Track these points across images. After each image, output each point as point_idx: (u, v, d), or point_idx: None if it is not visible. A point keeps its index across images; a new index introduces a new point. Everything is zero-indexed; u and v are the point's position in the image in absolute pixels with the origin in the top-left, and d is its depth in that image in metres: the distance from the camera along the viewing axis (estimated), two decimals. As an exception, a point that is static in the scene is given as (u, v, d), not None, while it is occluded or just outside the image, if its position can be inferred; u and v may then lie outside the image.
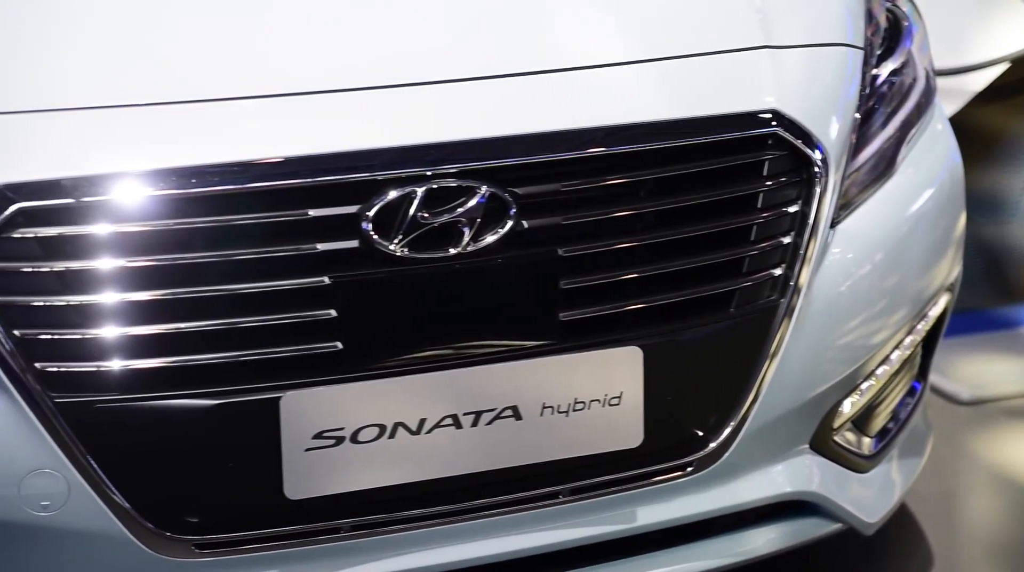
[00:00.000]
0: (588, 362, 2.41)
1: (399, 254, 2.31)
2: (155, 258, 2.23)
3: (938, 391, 3.78)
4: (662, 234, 2.45)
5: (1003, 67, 5.42)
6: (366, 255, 2.31)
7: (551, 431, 2.41)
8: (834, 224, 2.59)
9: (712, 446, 2.53)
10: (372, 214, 2.30)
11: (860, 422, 2.76)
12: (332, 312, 2.29)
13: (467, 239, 2.33)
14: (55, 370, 2.22)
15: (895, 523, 3.01)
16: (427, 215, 2.31)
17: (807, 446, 2.67)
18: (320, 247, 2.29)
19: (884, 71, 2.76)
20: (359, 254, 2.31)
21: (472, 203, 2.33)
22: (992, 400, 3.82)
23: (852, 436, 2.75)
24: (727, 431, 2.52)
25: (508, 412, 2.38)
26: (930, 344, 2.89)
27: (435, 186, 2.32)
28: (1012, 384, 3.89)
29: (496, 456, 2.40)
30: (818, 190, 2.52)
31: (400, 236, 2.31)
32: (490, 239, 2.35)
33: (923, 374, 2.93)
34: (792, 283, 2.52)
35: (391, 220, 2.30)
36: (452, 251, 2.33)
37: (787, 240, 2.52)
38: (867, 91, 2.69)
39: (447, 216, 2.32)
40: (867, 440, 2.79)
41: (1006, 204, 5.19)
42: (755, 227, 2.50)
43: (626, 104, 2.47)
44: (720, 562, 2.63)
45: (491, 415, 2.38)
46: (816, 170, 2.52)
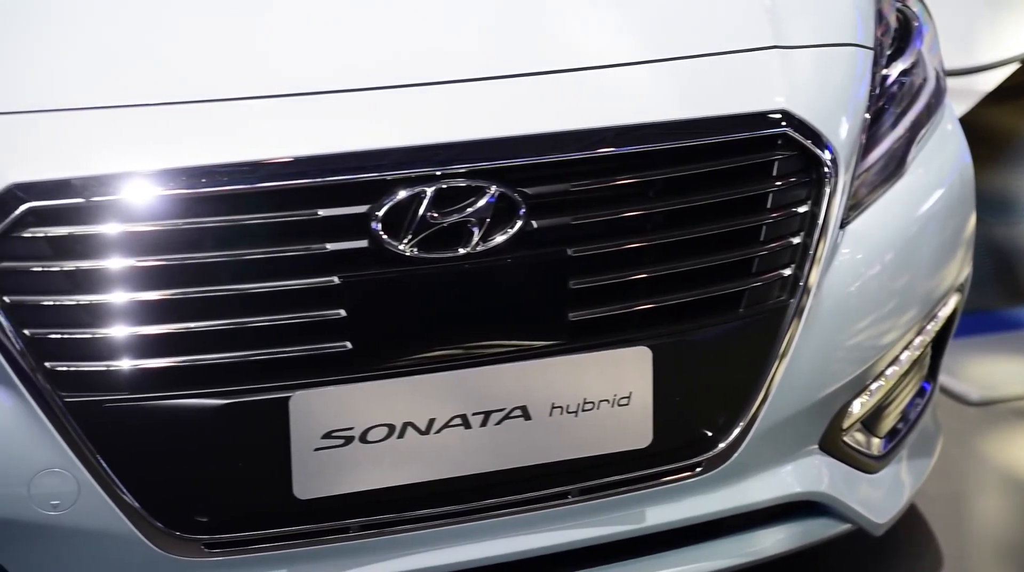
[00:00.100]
0: (597, 362, 2.41)
1: (408, 254, 2.31)
2: (165, 258, 2.23)
3: (948, 392, 3.77)
4: (672, 234, 2.45)
5: (1013, 67, 5.42)
6: (375, 255, 2.31)
7: (560, 431, 2.41)
8: (844, 224, 2.59)
9: (721, 446, 2.52)
10: (382, 214, 2.30)
11: (870, 423, 2.76)
12: (341, 312, 2.29)
13: (476, 239, 2.33)
14: (65, 369, 2.22)
15: (904, 524, 3.00)
16: (436, 215, 2.31)
17: (816, 446, 2.67)
18: (329, 247, 2.29)
19: (894, 71, 2.75)
20: (368, 254, 2.31)
21: (481, 203, 2.33)
22: (1002, 401, 3.81)
23: (862, 437, 2.75)
24: (736, 431, 2.52)
25: (517, 412, 2.38)
26: (940, 345, 2.89)
27: (445, 186, 2.32)
28: (1022, 385, 3.88)
29: (505, 456, 2.40)
30: (828, 190, 2.52)
31: (409, 236, 2.31)
32: (499, 239, 2.35)
33: (933, 375, 2.92)
34: (802, 283, 2.51)
35: (400, 220, 2.30)
36: (461, 251, 2.33)
37: (797, 240, 2.51)
38: (877, 91, 2.69)
39: (456, 216, 2.32)
40: (876, 441, 2.78)
41: (1016, 204, 5.19)
42: (765, 227, 2.50)
43: (636, 104, 2.47)
44: (729, 562, 2.63)
45: (500, 415, 2.38)
46: (826, 170, 2.52)
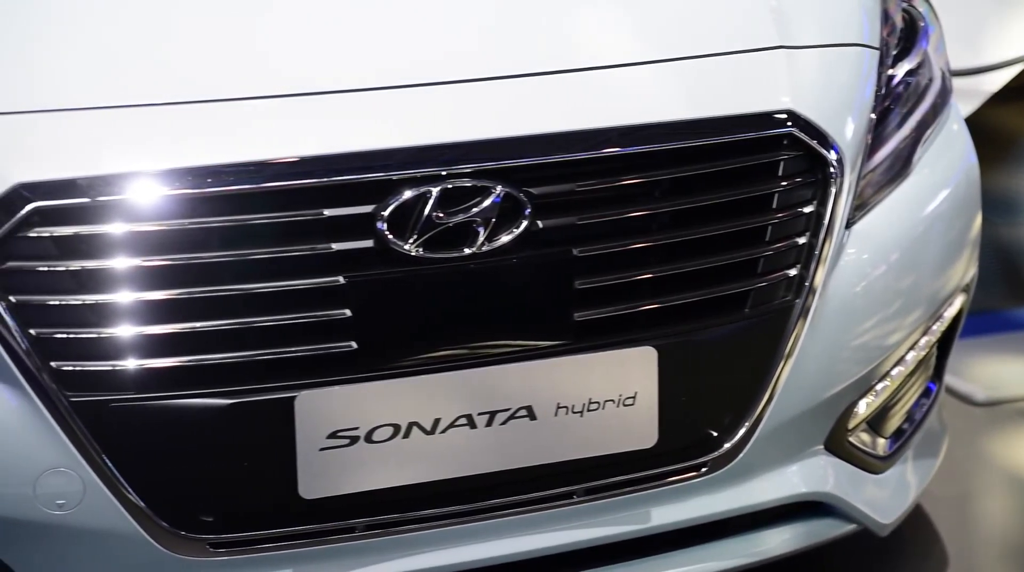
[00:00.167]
0: (603, 362, 2.41)
1: (414, 254, 2.31)
2: (170, 257, 2.23)
3: (953, 392, 3.77)
4: (677, 234, 2.45)
5: (1019, 68, 5.42)
6: (381, 255, 2.31)
7: (566, 431, 2.41)
8: (849, 224, 2.59)
9: (727, 446, 2.52)
10: (387, 214, 2.30)
11: (875, 423, 2.75)
12: (347, 312, 2.29)
13: (482, 239, 2.33)
14: (70, 369, 2.23)
15: (910, 524, 3.00)
16: (442, 215, 2.31)
17: (822, 447, 2.66)
18: (335, 247, 2.29)
19: (900, 71, 2.75)
20: (374, 254, 2.31)
21: (487, 203, 2.33)
22: (1007, 401, 3.81)
23: (867, 437, 2.75)
24: (742, 431, 2.52)
25: (523, 412, 2.38)
26: (945, 345, 2.89)
27: (450, 186, 2.32)
28: (1028, 385, 3.88)
29: (510, 456, 2.40)
30: (833, 190, 2.52)
31: (415, 236, 2.31)
32: (505, 239, 2.34)
33: (938, 375, 2.92)
34: (807, 283, 2.51)
35: (406, 220, 2.30)
36: (467, 251, 2.33)
37: (802, 240, 2.51)
38: (883, 91, 2.69)
39: (462, 216, 2.32)
40: (882, 441, 2.78)
41: (1022, 205, 5.18)
42: (770, 227, 2.50)
43: (641, 104, 2.47)
44: (735, 562, 2.63)
45: (506, 415, 2.38)
46: (831, 170, 2.52)
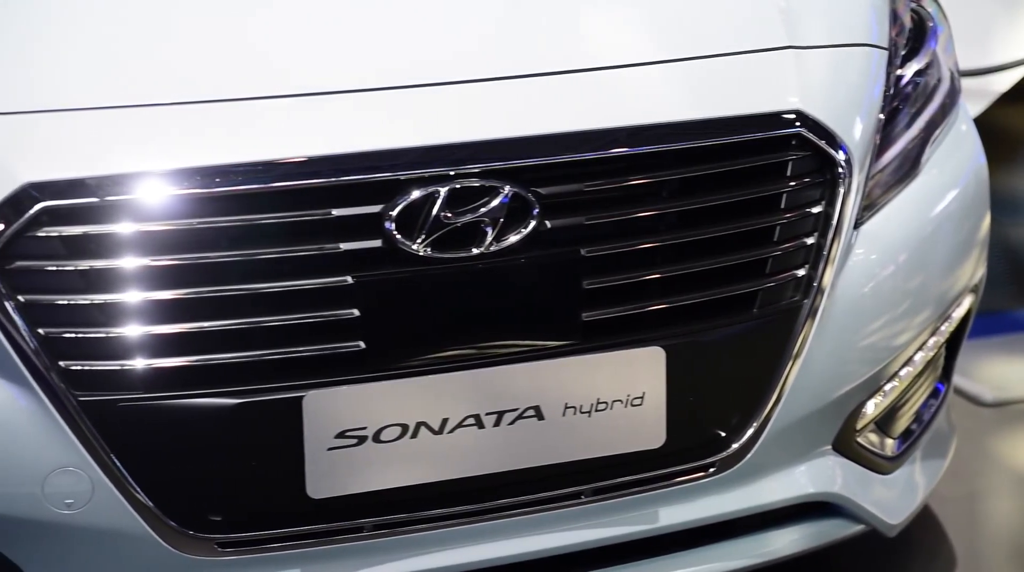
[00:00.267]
0: (610, 362, 2.41)
1: (422, 254, 2.31)
2: (179, 257, 2.23)
3: (962, 392, 3.76)
4: (685, 234, 2.45)
5: (1028, 68, 5.41)
6: (389, 255, 2.31)
7: (573, 431, 2.41)
8: (858, 225, 2.59)
9: (735, 447, 2.52)
10: (395, 214, 2.30)
11: (883, 423, 2.75)
12: (355, 311, 2.29)
13: (490, 239, 2.33)
14: (79, 369, 2.23)
15: (918, 524, 3.00)
16: (450, 215, 2.31)
17: (830, 447, 2.66)
18: (343, 247, 2.29)
19: (908, 72, 2.75)
20: (382, 254, 2.31)
21: (495, 203, 2.33)
22: (1016, 402, 3.80)
23: (875, 437, 2.74)
24: (750, 432, 2.52)
25: (530, 412, 2.38)
26: (954, 345, 2.88)
27: (458, 186, 2.32)
28: (1036, 386, 3.88)
29: (518, 456, 2.40)
30: (842, 191, 2.52)
31: (423, 236, 2.31)
32: (513, 239, 2.35)
33: (947, 375, 2.92)
34: (815, 284, 2.51)
35: (414, 220, 2.30)
36: (475, 251, 2.33)
37: (810, 241, 2.51)
38: (891, 92, 2.68)
39: (470, 216, 2.32)
40: (890, 441, 2.78)
41: (1031, 205, 5.18)
42: (778, 228, 2.49)
43: (649, 104, 2.47)
44: (743, 563, 2.63)
45: (513, 415, 2.38)
46: (840, 171, 2.51)
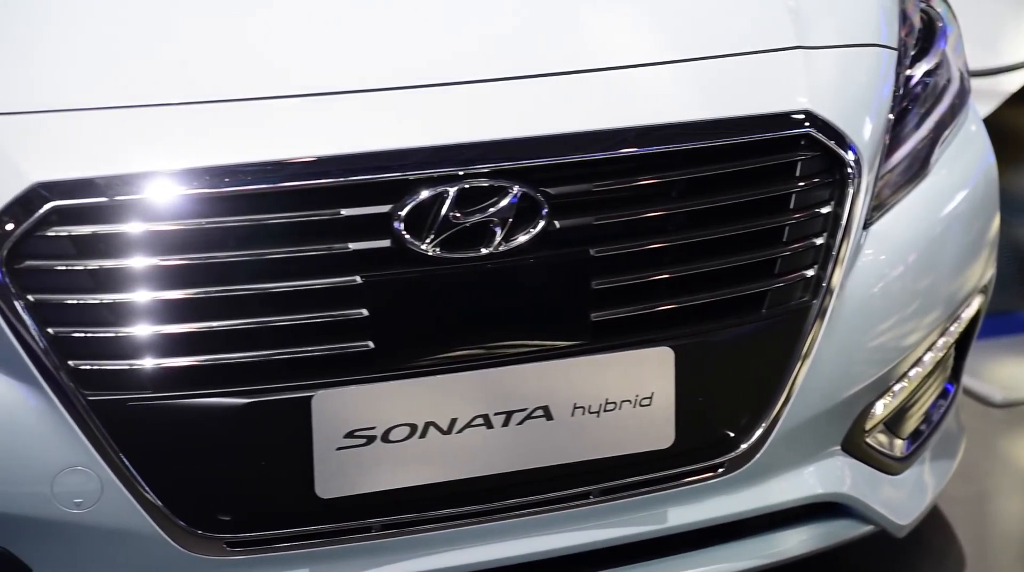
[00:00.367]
0: (619, 362, 2.41)
1: (431, 254, 2.31)
2: (188, 257, 2.24)
3: (971, 393, 3.76)
4: (694, 234, 2.45)
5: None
6: (398, 255, 2.31)
7: (582, 431, 2.41)
8: (867, 225, 2.59)
9: (743, 447, 2.52)
10: (404, 214, 2.30)
11: (892, 424, 2.75)
12: (364, 311, 2.29)
13: (499, 239, 2.33)
14: (88, 368, 2.23)
15: (927, 525, 3.00)
16: (459, 215, 2.31)
17: (839, 448, 2.66)
18: (352, 246, 2.29)
19: (918, 72, 2.75)
20: (391, 254, 2.31)
21: (504, 203, 2.33)
22: (1025, 402, 3.81)
23: (884, 438, 2.74)
24: (759, 432, 2.52)
25: (539, 412, 2.38)
26: (963, 346, 2.88)
27: (467, 186, 2.32)
28: (1046, 387, 3.87)
29: (527, 456, 2.40)
30: (851, 191, 2.52)
31: (432, 236, 2.31)
32: (522, 239, 2.35)
33: (956, 376, 2.92)
34: (824, 284, 2.51)
35: (423, 220, 2.31)
36: (484, 251, 2.33)
37: (820, 241, 2.51)
38: (901, 92, 2.68)
39: (479, 216, 2.32)
40: (899, 442, 2.78)
41: (1040, 205, 5.17)
42: (787, 228, 2.49)
43: (659, 104, 2.47)
44: (752, 563, 2.63)
45: (522, 415, 2.38)
46: (849, 171, 2.51)
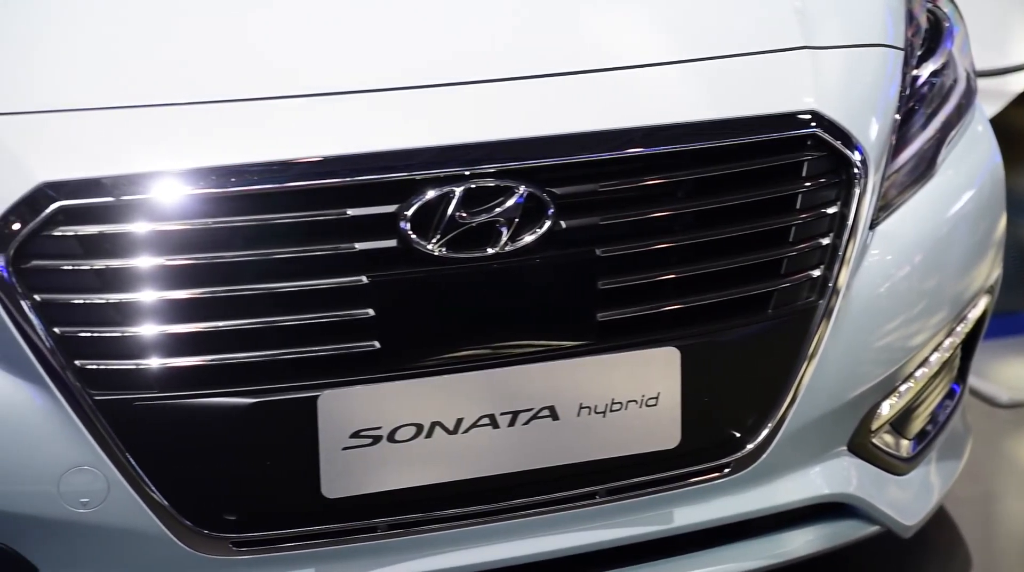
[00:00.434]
0: (625, 363, 2.41)
1: (437, 254, 2.31)
2: (194, 257, 2.24)
3: (977, 393, 3.76)
4: (700, 235, 2.45)
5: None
6: (404, 255, 2.31)
7: (588, 431, 2.41)
8: (873, 225, 2.58)
9: (750, 447, 2.52)
10: (410, 214, 2.30)
11: (899, 424, 2.75)
12: (370, 311, 2.30)
13: (505, 239, 2.33)
14: (95, 368, 2.23)
15: (933, 525, 2.99)
16: (465, 215, 2.31)
17: (845, 448, 2.66)
18: (358, 246, 2.29)
19: (924, 72, 2.74)
20: (397, 254, 2.31)
21: (510, 203, 2.33)
22: (1031, 403, 3.80)
23: (890, 438, 2.74)
24: (765, 432, 2.52)
25: (545, 412, 2.38)
26: (969, 346, 2.88)
27: (473, 186, 2.32)
28: (1052, 387, 3.87)
29: (533, 456, 2.40)
30: (857, 191, 2.51)
31: (438, 236, 2.31)
32: (528, 239, 2.35)
33: (962, 376, 2.92)
34: (831, 284, 2.51)
35: (429, 220, 2.31)
36: (490, 251, 2.33)
37: (826, 241, 2.51)
38: (907, 92, 2.68)
39: (485, 216, 2.32)
40: (905, 442, 2.78)
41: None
42: (794, 228, 2.49)
43: (665, 104, 2.46)
44: (757, 563, 2.63)
45: (528, 415, 2.38)
46: (855, 171, 2.51)
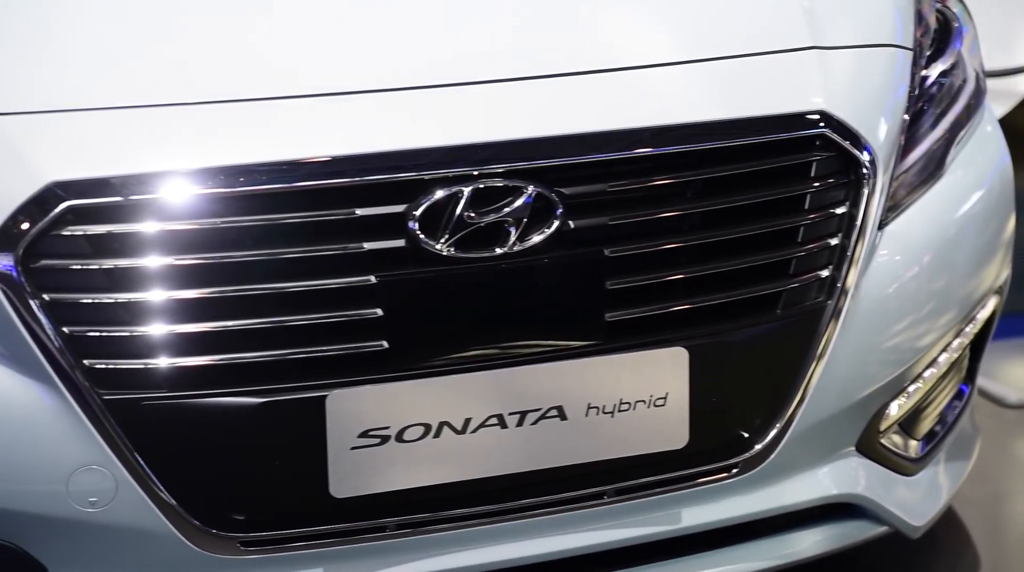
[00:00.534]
0: (634, 363, 2.41)
1: (445, 254, 2.31)
2: (203, 256, 2.24)
3: (986, 394, 3.75)
4: (709, 235, 2.45)
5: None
6: (412, 254, 2.31)
7: (596, 431, 2.41)
8: (882, 226, 2.58)
9: (758, 448, 2.52)
10: (419, 214, 2.30)
11: (907, 425, 2.75)
12: (378, 311, 2.30)
13: (513, 239, 2.33)
14: (103, 367, 2.23)
15: (942, 526, 2.99)
16: (474, 215, 2.31)
17: (853, 448, 2.66)
18: (367, 246, 2.30)
19: (933, 72, 2.74)
20: (405, 253, 2.31)
21: (519, 203, 2.33)
22: (1040, 403, 3.80)
23: (899, 439, 2.74)
24: (773, 433, 2.52)
25: (553, 412, 2.38)
26: (978, 347, 2.88)
27: (482, 186, 2.32)
28: (1061, 388, 3.87)
29: (541, 456, 2.40)
30: (866, 191, 2.51)
31: (446, 236, 2.31)
32: (536, 239, 2.35)
33: (971, 377, 2.91)
34: (839, 285, 2.51)
35: (438, 220, 2.31)
36: (498, 251, 2.33)
37: (834, 241, 2.51)
38: (916, 92, 2.68)
39: (494, 216, 2.32)
40: (914, 443, 2.77)
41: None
42: (802, 228, 2.49)
43: (674, 105, 2.46)
44: (766, 564, 2.62)
45: (536, 415, 2.38)
46: (864, 171, 2.51)
